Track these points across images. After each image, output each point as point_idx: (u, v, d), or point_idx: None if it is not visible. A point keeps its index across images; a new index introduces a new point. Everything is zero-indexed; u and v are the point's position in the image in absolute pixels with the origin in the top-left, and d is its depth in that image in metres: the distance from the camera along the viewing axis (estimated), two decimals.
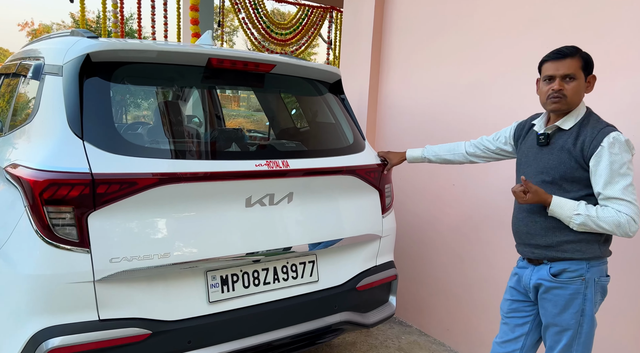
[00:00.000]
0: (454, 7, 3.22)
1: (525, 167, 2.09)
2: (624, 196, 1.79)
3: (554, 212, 1.90)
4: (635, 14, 2.30)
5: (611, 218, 1.79)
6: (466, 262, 3.24)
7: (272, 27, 9.70)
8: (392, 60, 3.72)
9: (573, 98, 1.90)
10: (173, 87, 2.60)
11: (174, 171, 1.90)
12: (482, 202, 3.11)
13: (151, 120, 4.07)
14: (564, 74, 1.89)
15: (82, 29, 2.39)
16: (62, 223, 1.77)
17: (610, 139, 1.80)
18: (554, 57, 1.93)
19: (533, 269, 2.04)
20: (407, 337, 3.52)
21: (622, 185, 1.80)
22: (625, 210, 1.79)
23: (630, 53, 2.32)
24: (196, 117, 4.39)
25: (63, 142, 1.85)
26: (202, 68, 2.24)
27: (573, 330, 1.94)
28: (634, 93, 2.30)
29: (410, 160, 2.65)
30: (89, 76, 1.98)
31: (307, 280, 2.34)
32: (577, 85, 1.89)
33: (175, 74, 2.30)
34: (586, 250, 1.91)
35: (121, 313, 1.88)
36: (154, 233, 1.91)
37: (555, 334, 1.99)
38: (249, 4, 9.26)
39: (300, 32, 9.95)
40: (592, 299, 1.93)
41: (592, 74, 1.93)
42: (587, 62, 1.90)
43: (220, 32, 9.38)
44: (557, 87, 1.90)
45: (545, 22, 2.68)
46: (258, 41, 9.32)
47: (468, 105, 3.16)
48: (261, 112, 17.02)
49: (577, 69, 1.88)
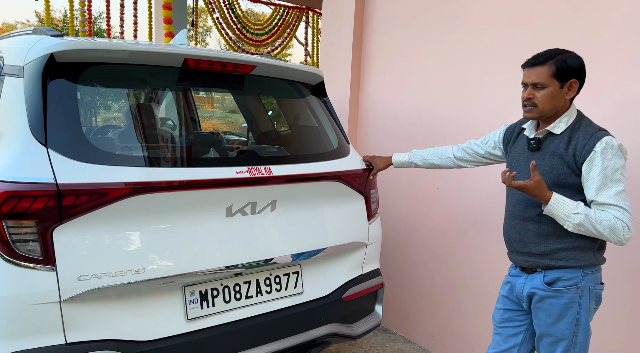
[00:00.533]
0: (436, 9, 3.15)
1: (516, 171, 2.00)
2: (618, 203, 1.75)
3: (552, 208, 1.80)
4: (622, 16, 2.27)
5: (608, 222, 1.74)
6: (452, 267, 3.18)
7: (247, 28, 9.54)
8: (374, 62, 3.63)
9: (544, 106, 1.85)
10: (146, 90, 2.45)
11: (148, 180, 1.76)
12: (467, 207, 3.05)
13: (122, 125, 3.89)
14: (533, 83, 1.86)
15: (46, 27, 2.22)
16: (24, 239, 1.61)
17: (603, 144, 1.75)
18: (525, 65, 1.90)
19: (526, 278, 1.98)
20: (391, 344, 3.44)
21: (615, 191, 1.75)
22: (621, 217, 1.74)
23: (619, 55, 2.29)
24: (170, 119, 4.22)
25: (24, 150, 1.68)
26: (177, 69, 2.10)
27: (568, 340, 1.88)
28: (626, 95, 2.26)
29: (396, 165, 2.56)
30: (53, 78, 1.82)
31: (292, 292, 2.22)
32: (548, 93, 1.83)
33: (148, 76, 2.15)
34: (581, 257, 1.85)
35: (90, 335, 1.73)
36: (127, 248, 1.77)
37: (549, 345, 1.93)
38: (223, 4, 9.09)
39: (276, 32, 9.82)
40: (587, 308, 1.87)
41: (573, 78, 1.84)
42: (561, 68, 1.81)
43: (194, 32, 9.16)
44: (526, 95, 1.88)
45: (529, 24, 2.64)
46: (233, 41, 9.14)
47: (451, 108, 3.10)
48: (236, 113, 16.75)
49: (547, 77, 1.82)
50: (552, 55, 1.84)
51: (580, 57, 1.85)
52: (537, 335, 1.99)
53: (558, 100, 1.85)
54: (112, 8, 8.96)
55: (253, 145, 2.71)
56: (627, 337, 2.34)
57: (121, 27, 8.63)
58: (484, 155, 2.30)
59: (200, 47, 13.81)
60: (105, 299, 1.75)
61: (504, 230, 2.08)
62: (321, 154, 2.36)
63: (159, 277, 1.81)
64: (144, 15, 8.33)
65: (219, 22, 9.17)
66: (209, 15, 9.21)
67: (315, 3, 10.00)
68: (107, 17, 9.01)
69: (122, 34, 8.63)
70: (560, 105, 1.86)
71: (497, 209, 2.79)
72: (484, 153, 2.29)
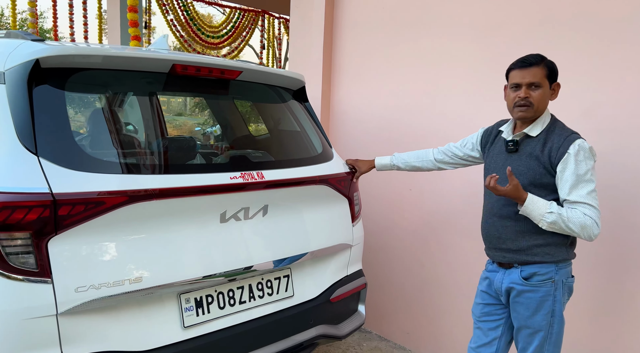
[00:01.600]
0: (406, 15, 3.26)
1: (494, 172, 2.11)
2: (589, 201, 1.87)
3: (527, 208, 1.91)
4: (588, 23, 2.45)
5: (578, 219, 1.86)
6: (426, 266, 3.29)
7: (202, 30, 9.41)
8: (344, 67, 3.71)
9: (539, 105, 1.96)
10: (133, 96, 2.40)
11: (145, 187, 1.74)
12: (440, 206, 3.17)
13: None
14: (530, 82, 1.95)
15: (20, 31, 2.14)
16: (18, 252, 1.55)
17: (576, 147, 1.88)
18: (520, 66, 1.98)
19: (504, 273, 2.09)
20: (368, 343, 3.52)
21: (586, 190, 1.87)
22: (590, 214, 1.87)
23: (582, 62, 2.46)
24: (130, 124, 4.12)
25: (14, 159, 1.62)
26: (164, 75, 2.07)
27: (545, 331, 2.00)
28: (592, 100, 2.44)
29: (379, 168, 2.63)
30: (38, 84, 1.76)
31: (283, 296, 2.24)
32: (543, 92, 1.95)
33: (134, 82, 2.12)
34: (555, 253, 1.98)
35: (88, 348, 1.68)
36: (124, 256, 1.73)
37: (527, 336, 2.05)
38: (177, 6, 8.93)
39: (232, 35, 9.74)
40: (561, 300, 2.00)
41: (556, 81, 2.00)
42: (552, 70, 1.97)
43: (147, 34, 8.93)
44: (524, 94, 1.95)
45: (497, 32, 2.78)
46: (188, 44, 8.98)
47: (421, 112, 3.21)
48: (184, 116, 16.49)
49: (542, 77, 1.94)
50: (542, 57, 1.96)
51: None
52: (515, 328, 2.10)
53: (546, 103, 1.98)
54: (59, 8, 8.60)
55: (242, 151, 2.70)
56: (595, 323, 2.52)
57: (71, 27, 8.28)
58: (462, 157, 2.41)
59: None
60: (101, 310, 1.71)
61: (482, 228, 2.19)
62: (308, 159, 2.40)
63: (157, 286, 1.79)
64: (92, 15, 8.05)
65: (173, 24, 8.99)
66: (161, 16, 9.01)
67: (271, 6, 10.01)
68: (54, 17, 8.63)
69: (72, 35, 8.28)
70: (546, 107, 1.98)
71: (469, 209, 2.94)
72: (462, 155, 2.40)
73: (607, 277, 2.46)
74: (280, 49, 12.01)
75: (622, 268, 2.40)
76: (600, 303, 2.49)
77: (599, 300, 2.49)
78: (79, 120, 2.00)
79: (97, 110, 2.04)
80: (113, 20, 6.76)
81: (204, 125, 14.75)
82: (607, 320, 2.47)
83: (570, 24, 2.50)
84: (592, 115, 2.44)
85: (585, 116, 2.45)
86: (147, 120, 2.25)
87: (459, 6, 2.95)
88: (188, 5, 9.08)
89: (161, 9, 8.72)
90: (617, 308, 2.43)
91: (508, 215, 2.05)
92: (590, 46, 2.43)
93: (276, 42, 10.99)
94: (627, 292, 2.39)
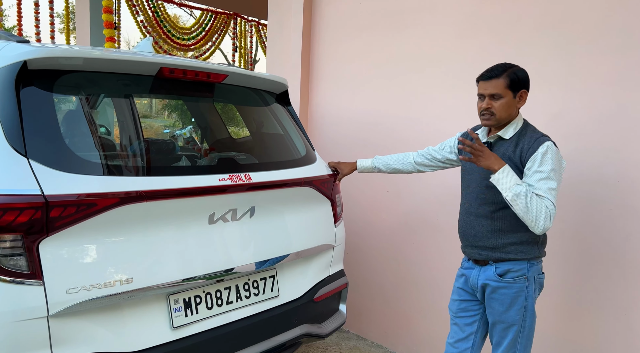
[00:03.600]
0: (384, 19, 3.36)
1: (470, 173, 2.23)
2: (548, 196, 1.95)
3: (501, 174, 1.97)
4: (550, 34, 2.59)
5: (539, 205, 1.92)
6: (402, 265, 3.39)
7: (173, 32, 9.32)
8: (323, 71, 3.77)
9: (501, 114, 2.07)
10: (120, 98, 2.39)
11: (137, 189, 1.76)
12: (417, 207, 3.28)
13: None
14: (491, 94, 2.06)
15: (3, 31, 2.12)
16: (9, 254, 1.55)
17: (545, 147, 1.99)
18: (482, 78, 2.11)
19: (480, 270, 2.18)
20: (346, 342, 3.58)
21: (547, 186, 1.96)
22: (549, 207, 1.94)
23: (550, 69, 2.60)
24: (103, 126, 4.08)
25: (3, 161, 1.62)
26: (150, 77, 2.09)
27: (518, 325, 2.11)
28: (559, 106, 2.58)
29: (360, 170, 2.71)
30: (26, 85, 1.76)
31: (268, 296, 2.28)
32: (504, 102, 2.06)
33: (120, 84, 2.12)
34: (527, 251, 2.09)
35: (78, 350, 1.68)
36: (115, 258, 1.75)
37: (502, 330, 2.15)
38: (147, 7, 8.82)
39: (204, 37, 9.68)
40: (532, 295, 2.11)
41: (523, 89, 2.09)
42: (514, 80, 2.05)
43: (117, 34, 8.77)
44: (485, 105, 2.08)
45: (472, 39, 2.90)
46: (159, 45, 8.88)
47: (398, 116, 3.31)
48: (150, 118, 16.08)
49: (503, 88, 2.05)
50: (505, 69, 2.07)
51: (526, 70, 2.11)
52: (490, 323, 2.21)
53: (512, 109, 2.09)
54: (23, 6, 8.37)
55: (227, 153, 2.73)
56: (564, 316, 2.66)
57: (37, 27, 8.07)
58: (441, 160, 2.51)
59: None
60: (92, 311, 1.72)
61: (459, 226, 2.28)
62: (292, 161, 2.45)
63: (147, 287, 1.80)
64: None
65: (143, 26, 8.88)
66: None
67: (242, 9, 10.01)
68: (18, 15, 8.38)
69: (38, 35, 8.07)
70: (513, 113, 2.10)
71: (445, 209, 3.05)
72: (441, 158, 2.50)
73: (574, 273, 2.60)
74: (251, 52, 12.00)
75: (587, 264, 2.55)
76: (568, 298, 2.63)
77: (567, 295, 2.64)
78: (67, 122, 1.99)
79: (83, 112, 2.03)
80: (82, 20, 6.64)
81: (173, 128, 14.53)
82: (574, 313, 2.61)
83: (535, 35, 2.64)
84: (558, 120, 2.59)
85: (551, 121, 2.59)
86: (134, 122, 2.25)
87: (437, 12, 3.06)
88: (158, 7, 8.99)
89: (131, 9, 8.59)
90: (583, 301, 2.57)
91: (484, 214, 2.15)
92: (558, 54, 2.58)
93: (247, 45, 10.99)
94: (592, 286, 2.54)
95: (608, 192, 2.44)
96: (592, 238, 2.52)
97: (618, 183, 2.42)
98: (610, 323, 2.48)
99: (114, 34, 3.96)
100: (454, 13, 2.98)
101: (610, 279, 2.47)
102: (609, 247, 2.47)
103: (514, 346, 2.14)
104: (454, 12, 2.98)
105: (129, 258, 1.78)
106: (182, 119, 13.91)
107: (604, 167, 2.45)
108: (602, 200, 2.47)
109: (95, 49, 2.29)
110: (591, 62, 2.47)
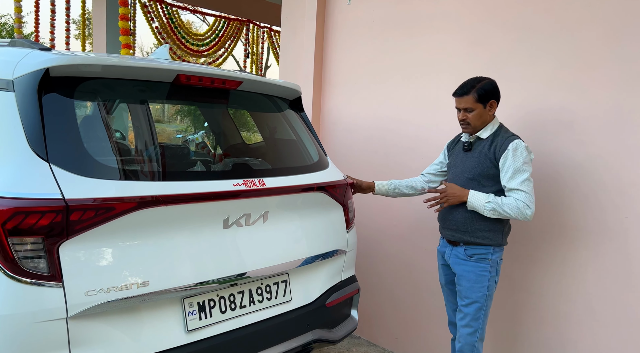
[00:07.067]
0: (396, 27, 3.38)
1: (453, 168, 2.59)
2: (522, 187, 2.29)
3: (471, 203, 2.38)
4: (566, 38, 2.60)
5: (511, 204, 2.29)
6: (413, 271, 3.39)
7: (187, 38, 9.44)
8: (335, 78, 3.80)
9: (475, 123, 2.43)
10: (138, 104, 2.44)
11: (154, 194, 1.79)
12: (428, 214, 3.27)
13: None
14: (464, 108, 2.44)
15: (26, 39, 2.17)
16: (30, 256, 1.59)
17: (514, 145, 2.32)
18: (455, 94, 2.47)
19: (452, 249, 2.54)
20: (357, 348, 3.59)
21: (521, 179, 2.29)
22: (521, 198, 2.28)
23: (565, 74, 2.61)
24: (118, 131, 4.14)
25: (25, 165, 1.66)
26: (167, 84, 2.13)
27: (480, 302, 2.44)
28: (572, 112, 2.59)
29: (377, 192, 2.93)
30: (48, 92, 1.80)
31: (281, 301, 2.30)
32: (477, 113, 2.42)
33: (137, 91, 2.17)
34: (492, 237, 2.42)
35: (95, 351, 1.71)
36: (132, 261, 1.78)
37: (466, 306, 2.47)
38: (162, 13, 8.95)
39: (217, 43, 9.78)
40: (494, 277, 2.46)
41: (492, 99, 2.40)
42: (481, 94, 2.39)
43: (132, 41, 8.91)
44: (461, 117, 2.47)
45: (481, 47, 2.92)
46: (174, 51, 8.99)
47: (410, 123, 3.33)
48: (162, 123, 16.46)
49: (473, 102, 2.40)
50: (472, 85, 2.41)
51: (494, 81, 2.42)
52: (457, 297, 2.54)
53: (485, 117, 2.43)
54: (41, 13, 8.53)
55: (242, 158, 2.76)
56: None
57: (52, 33, 8.21)
58: (441, 170, 2.80)
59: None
60: (108, 314, 1.75)
61: (440, 211, 2.60)
62: (305, 167, 2.48)
63: (164, 290, 1.83)
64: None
65: (158, 32, 9.00)
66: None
67: (255, 16, 10.10)
68: (35, 22, 8.54)
69: (53, 41, 8.21)
70: (487, 120, 2.45)
71: None
72: (440, 167, 2.79)
73: (591, 279, 2.59)
74: (262, 58, 12.10)
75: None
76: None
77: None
78: (86, 127, 2.04)
79: (101, 118, 2.08)
80: (99, 26, 6.75)
81: (185, 133, 14.67)
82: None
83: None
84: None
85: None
86: (150, 128, 2.30)
87: (450, 18, 3.08)
88: (173, 13, 9.11)
89: (146, 17, 8.72)
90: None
91: (463, 202, 2.45)
92: (571, 61, 2.58)
93: (259, 51, 11.08)
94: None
95: (625, 200, 2.45)
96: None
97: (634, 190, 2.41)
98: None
99: (129, 40, 4.03)
100: (467, 20, 3.00)
101: (626, 287, 2.46)
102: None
103: (476, 319, 2.44)
104: (466, 19, 3.00)
105: (145, 262, 1.81)
106: (194, 124, 14.06)
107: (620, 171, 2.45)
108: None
109: (113, 56, 2.33)
110: (606, 69, 2.47)
